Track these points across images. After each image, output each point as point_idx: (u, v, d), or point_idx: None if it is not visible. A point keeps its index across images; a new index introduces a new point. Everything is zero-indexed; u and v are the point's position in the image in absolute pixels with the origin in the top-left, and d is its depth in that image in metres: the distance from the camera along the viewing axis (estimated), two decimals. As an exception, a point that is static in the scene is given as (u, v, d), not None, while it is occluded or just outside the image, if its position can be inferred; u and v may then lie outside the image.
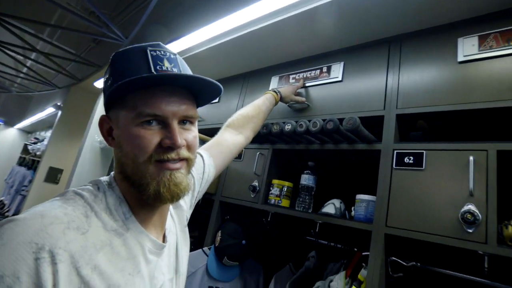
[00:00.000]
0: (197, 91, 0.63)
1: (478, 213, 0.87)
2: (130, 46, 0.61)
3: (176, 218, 0.77)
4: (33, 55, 3.77)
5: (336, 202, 1.27)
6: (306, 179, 1.35)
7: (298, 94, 1.47)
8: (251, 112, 1.17)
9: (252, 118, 1.16)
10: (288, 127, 1.27)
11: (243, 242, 1.49)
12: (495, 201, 0.87)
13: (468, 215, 0.87)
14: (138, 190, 0.58)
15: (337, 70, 1.36)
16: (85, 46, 3.45)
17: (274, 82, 1.62)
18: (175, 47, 1.82)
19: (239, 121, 1.12)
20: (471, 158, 0.91)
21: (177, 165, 0.59)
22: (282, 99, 1.36)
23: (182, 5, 1.87)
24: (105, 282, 0.49)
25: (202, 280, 1.51)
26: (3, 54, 3.30)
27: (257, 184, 1.45)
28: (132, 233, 0.57)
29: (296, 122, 1.27)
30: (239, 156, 1.62)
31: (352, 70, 1.34)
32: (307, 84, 1.47)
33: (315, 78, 1.44)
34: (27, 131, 7.28)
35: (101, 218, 0.54)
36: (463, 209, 0.89)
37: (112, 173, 0.64)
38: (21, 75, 4.16)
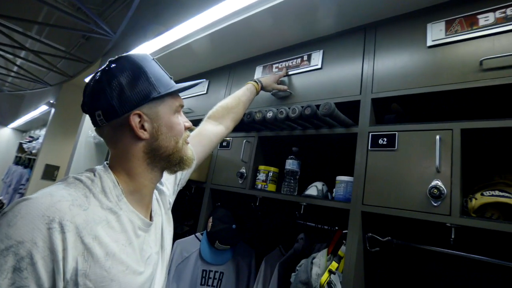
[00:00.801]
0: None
1: (444, 187, 0.94)
2: (139, 54, 0.74)
3: (161, 203, 0.87)
4: (23, 54, 3.78)
5: (319, 184, 1.34)
6: (290, 164, 1.41)
7: (281, 82, 1.52)
8: (230, 103, 1.24)
9: (232, 108, 1.23)
10: (269, 114, 1.32)
11: (233, 226, 1.56)
12: (459, 177, 0.93)
13: (435, 190, 0.94)
14: (168, 165, 0.76)
15: (316, 58, 1.41)
16: (75, 43, 3.46)
17: (258, 72, 1.67)
18: (162, 40, 1.86)
19: (219, 112, 1.19)
20: (437, 137, 0.97)
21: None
22: (263, 88, 1.42)
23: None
24: (103, 250, 0.59)
25: (196, 264, 1.58)
26: (-7, 54, 3.30)
27: (244, 170, 1.51)
28: (124, 212, 0.67)
29: (277, 109, 1.32)
30: (227, 145, 1.68)
31: (331, 57, 1.39)
32: (289, 73, 1.52)
33: (296, 66, 1.49)
34: (21, 130, 7.29)
35: (98, 198, 0.64)
36: (430, 185, 0.96)
37: (105, 162, 0.74)
38: (12, 74, 4.16)
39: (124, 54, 0.73)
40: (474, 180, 1.08)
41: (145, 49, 2.00)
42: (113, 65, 0.70)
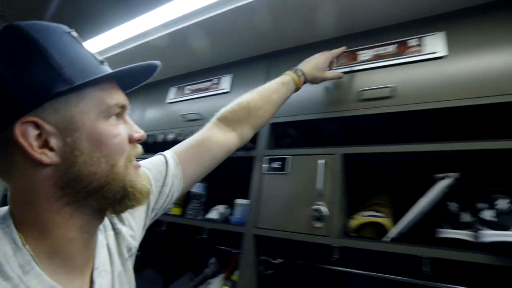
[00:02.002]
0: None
1: (325, 210, 0.98)
2: (49, 24, 0.47)
3: (115, 250, 0.59)
4: None
5: (221, 207, 1.33)
6: (197, 187, 1.39)
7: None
8: (255, 102, 0.88)
9: (256, 110, 0.88)
10: (171, 136, 1.30)
11: (138, 253, 1.46)
12: (340, 199, 0.99)
13: (316, 213, 0.98)
14: (108, 202, 0.48)
15: (225, 82, 1.44)
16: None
17: (172, 93, 1.65)
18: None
19: (235, 113, 0.86)
20: (319, 161, 1.02)
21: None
22: (309, 81, 1.04)
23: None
24: None
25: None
26: None
27: (150, 193, 1.45)
28: None
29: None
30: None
31: (239, 82, 1.42)
32: (198, 95, 1.52)
33: (206, 89, 1.50)
34: None
35: None
36: (313, 207, 1.00)
37: (5, 208, 0.47)
38: None
39: (10, 23, 0.44)
40: (359, 202, 1.15)
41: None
42: None
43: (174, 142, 1.27)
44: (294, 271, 1.23)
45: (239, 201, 1.22)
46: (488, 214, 0.79)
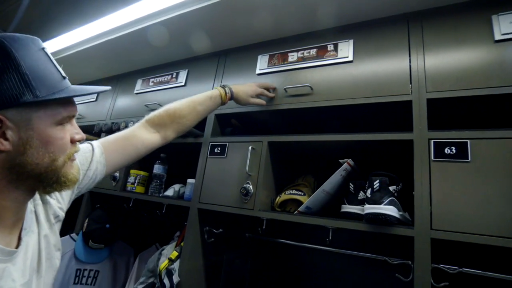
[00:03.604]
0: None
1: (250, 188, 1.19)
2: (20, 35, 0.58)
3: (42, 216, 0.72)
4: None
5: (177, 186, 1.53)
6: (157, 169, 1.59)
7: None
8: (181, 110, 1.04)
9: (181, 118, 1.03)
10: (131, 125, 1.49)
11: (107, 226, 1.67)
12: (264, 179, 1.19)
13: (243, 190, 1.19)
14: (39, 185, 0.61)
15: (182, 76, 1.62)
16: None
17: (139, 84, 1.83)
18: (54, 45, 1.91)
19: (162, 118, 1.00)
20: (249, 147, 1.22)
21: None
22: (234, 100, 1.22)
23: (51, 9, 1.97)
24: None
25: (69, 264, 1.65)
26: None
27: (117, 174, 1.65)
28: None
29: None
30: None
31: (193, 76, 1.60)
32: (160, 87, 1.70)
33: (166, 82, 1.68)
34: None
35: None
36: (242, 186, 1.20)
37: None
38: None
39: None
40: (289, 183, 1.36)
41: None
42: None
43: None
44: (231, 239, 1.45)
45: (190, 180, 1.42)
46: (368, 192, 0.99)
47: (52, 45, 1.89)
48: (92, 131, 1.80)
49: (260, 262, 1.52)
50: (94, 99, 2.08)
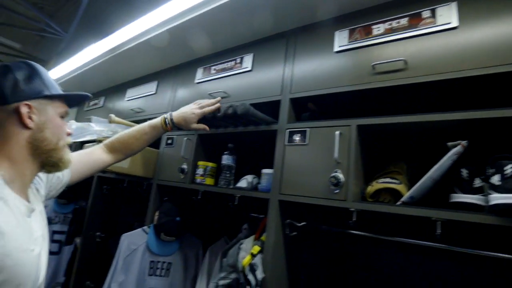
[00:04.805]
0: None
1: (341, 176, 1.08)
2: (32, 63, 0.84)
3: (38, 195, 0.93)
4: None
5: (250, 177, 1.46)
6: (226, 159, 1.53)
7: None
8: (128, 140, 1.24)
9: (129, 145, 1.24)
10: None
11: (177, 219, 1.66)
12: (355, 167, 1.08)
13: (333, 179, 1.08)
14: (47, 161, 0.83)
15: (247, 61, 1.53)
16: (31, 40, 3.41)
17: (199, 73, 1.77)
18: (112, 41, 1.91)
19: (114, 145, 1.22)
20: (337, 132, 1.11)
21: None
22: (177, 126, 1.30)
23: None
24: None
25: (143, 256, 1.68)
26: None
27: (185, 166, 1.62)
28: (9, 198, 0.74)
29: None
30: (171, 142, 1.78)
31: (259, 60, 1.51)
32: (223, 75, 1.62)
33: (230, 68, 1.60)
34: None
35: None
36: (331, 175, 1.10)
37: None
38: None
39: (26, 61, 0.84)
40: (377, 170, 1.24)
41: (97, 49, 2.05)
42: (12, 64, 0.80)
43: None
44: (316, 233, 1.36)
45: (265, 170, 1.34)
46: (495, 179, 0.85)
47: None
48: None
49: (347, 261, 1.42)
50: (154, 92, 2.06)
